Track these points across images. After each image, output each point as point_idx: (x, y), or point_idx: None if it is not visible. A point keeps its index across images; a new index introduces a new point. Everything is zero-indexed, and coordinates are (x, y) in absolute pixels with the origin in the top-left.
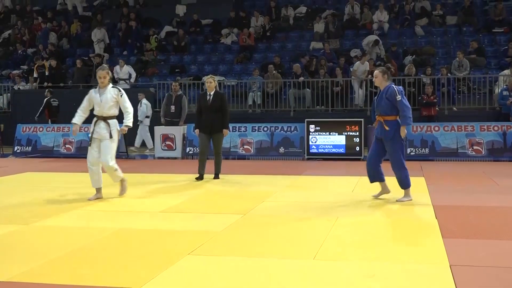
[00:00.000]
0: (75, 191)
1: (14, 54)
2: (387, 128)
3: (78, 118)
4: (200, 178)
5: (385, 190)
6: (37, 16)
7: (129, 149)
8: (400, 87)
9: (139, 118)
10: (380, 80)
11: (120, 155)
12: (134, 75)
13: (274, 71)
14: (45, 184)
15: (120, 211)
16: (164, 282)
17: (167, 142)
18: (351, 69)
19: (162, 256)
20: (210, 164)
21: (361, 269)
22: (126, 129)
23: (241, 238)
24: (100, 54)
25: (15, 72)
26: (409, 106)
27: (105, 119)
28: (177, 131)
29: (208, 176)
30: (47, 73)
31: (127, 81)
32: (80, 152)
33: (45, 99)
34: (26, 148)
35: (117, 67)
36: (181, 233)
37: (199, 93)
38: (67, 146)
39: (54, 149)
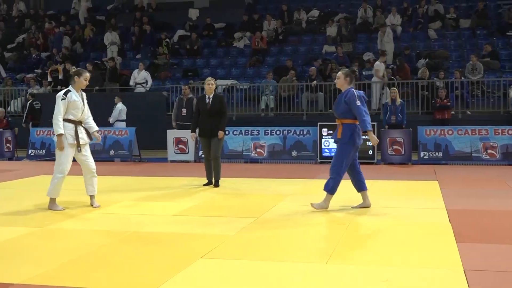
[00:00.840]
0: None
1: (28, 58)
2: (340, 132)
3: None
4: (209, 183)
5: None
6: (51, 20)
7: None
8: (361, 92)
9: (110, 121)
10: (341, 82)
11: (134, 158)
12: (150, 82)
13: (294, 78)
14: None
15: (132, 215)
16: (176, 286)
17: (180, 146)
18: (373, 69)
19: (175, 259)
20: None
21: (375, 274)
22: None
23: (253, 241)
24: (113, 57)
25: (29, 76)
26: (368, 112)
27: (81, 123)
28: (190, 135)
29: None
30: (60, 77)
31: (144, 86)
32: (94, 156)
33: (28, 103)
34: (40, 151)
35: (135, 72)
36: (193, 237)
37: None
38: None
39: None
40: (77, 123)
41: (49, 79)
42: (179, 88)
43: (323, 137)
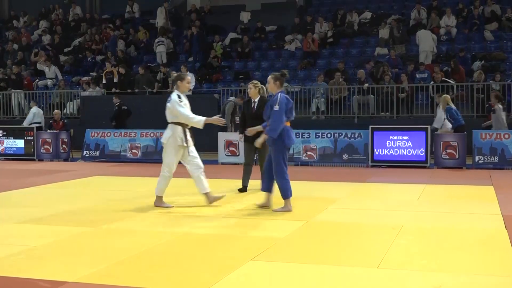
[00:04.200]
0: (141, 195)
1: (83, 61)
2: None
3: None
4: (243, 190)
5: (268, 203)
6: (106, 24)
7: None
8: (284, 96)
9: (24, 125)
10: (271, 86)
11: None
12: (194, 84)
13: (340, 79)
14: (113, 188)
15: (184, 216)
16: (227, 287)
17: (231, 148)
18: (417, 75)
19: (225, 261)
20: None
21: (427, 280)
22: None
23: (304, 244)
24: (164, 63)
25: (84, 78)
26: (283, 120)
27: (187, 126)
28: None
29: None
30: (115, 80)
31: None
32: (146, 157)
33: (116, 106)
34: (94, 152)
35: None
36: (243, 239)
37: None
38: (133, 151)
39: (121, 153)
40: (184, 125)
41: (104, 81)
42: (231, 90)
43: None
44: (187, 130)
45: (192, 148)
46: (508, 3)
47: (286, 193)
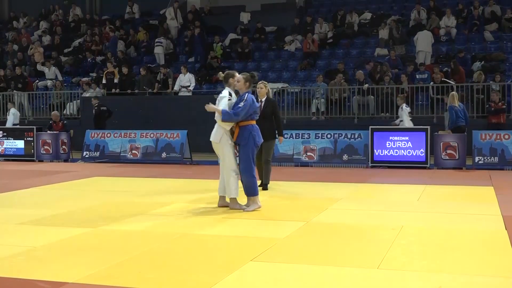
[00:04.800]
0: (141, 195)
1: (83, 62)
2: (237, 134)
3: None
4: (264, 188)
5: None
6: (106, 25)
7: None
8: (251, 97)
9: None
10: (241, 86)
11: (185, 161)
12: (193, 84)
13: (342, 80)
14: (113, 188)
15: (184, 216)
16: (227, 287)
17: None
18: (417, 76)
19: (225, 261)
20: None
21: (427, 280)
22: None
23: (304, 245)
24: (162, 64)
25: (84, 79)
26: (239, 114)
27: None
28: None
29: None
30: (116, 81)
31: (188, 89)
32: (146, 158)
33: (94, 107)
34: (94, 153)
35: (180, 75)
36: (243, 239)
37: None
38: (133, 151)
39: (121, 154)
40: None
41: (104, 81)
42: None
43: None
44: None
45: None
46: (508, 4)
47: (254, 191)
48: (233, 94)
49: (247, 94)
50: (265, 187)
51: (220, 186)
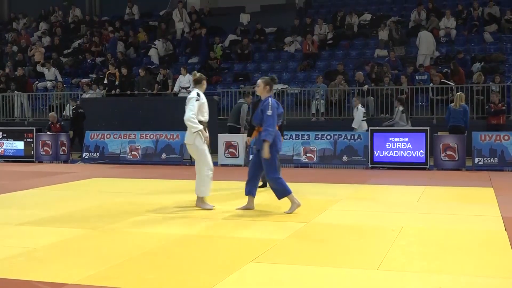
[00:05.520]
0: (141, 196)
1: (83, 63)
2: (253, 138)
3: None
4: (264, 185)
5: (250, 205)
6: (106, 26)
7: None
8: (274, 101)
9: None
10: (261, 90)
11: (185, 162)
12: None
13: (342, 81)
14: (112, 189)
15: (183, 217)
16: None
17: (230, 150)
18: (416, 77)
19: (225, 262)
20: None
21: (427, 281)
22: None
23: (303, 246)
24: (163, 67)
25: (84, 80)
26: (275, 124)
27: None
28: (240, 139)
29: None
30: (117, 83)
31: (187, 90)
32: (146, 159)
33: (72, 108)
34: (94, 154)
35: (180, 77)
36: (243, 240)
37: None
38: (133, 153)
39: (121, 155)
40: (204, 124)
41: (105, 81)
42: (230, 92)
43: (374, 142)
44: (206, 130)
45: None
46: (507, 5)
47: (285, 192)
48: (201, 95)
49: (269, 99)
50: (264, 185)
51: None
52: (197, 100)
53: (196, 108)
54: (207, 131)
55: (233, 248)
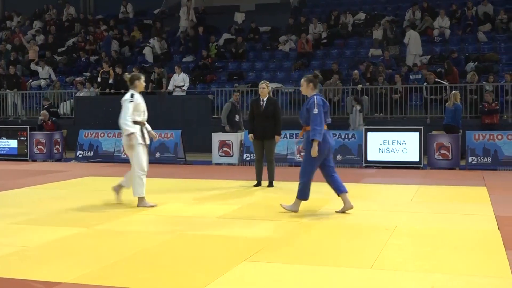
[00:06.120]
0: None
1: (77, 61)
2: (300, 136)
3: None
4: (258, 184)
5: (346, 204)
6: (100, 25)
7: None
8: (320, 98)
9: None
10: (305, 89)
11: (179, 161)
12: (187, 84)
13: (338, 81)
14: (106, 188)
15: (178, 217)
16: (221, 287)
17: (225, 149)
18: (410, 76)
19: (219, 262)
20: (265, 171)
21: (420, 280)
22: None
23: (297, 245)
24: (158, 66)
25: (78, 79)
26: (322, 122)
27: (145, 125)
28: (235, 138)
29: (264, 182)
30: (111, 81)
31: (182, 89)
32: None
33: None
34: (88, 153)
35: (174, 75)
36: (237, 239)
37: None
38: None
39: (115, 154)
40: (142, 124)
41: (99, 79)
42: (225, 91)
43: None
44: (144, 129)
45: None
46: (501, 4)
47: (304, 196)
48: (136, 95)
49: (315, 97)
50: (270, 185)
51: (125, 177)
52: (130, 101)
53: (131, 109)
54: (147, 128)
55: (226, 247)
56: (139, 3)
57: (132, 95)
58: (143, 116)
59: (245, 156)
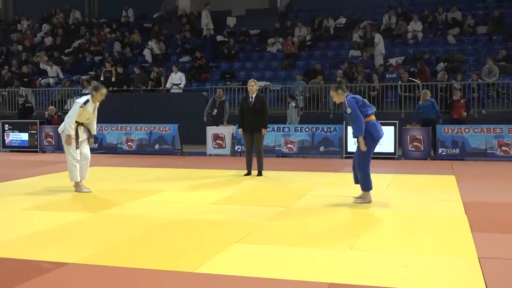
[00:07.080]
0: (136, 184)
1: (83, 61)
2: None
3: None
4: (248, 174)
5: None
6: (104, 28)
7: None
8: (350, 97)
9: None
10: (336, 97)
11: (176, 152)
12: (183, 82)
13: (321, 82)
14: (110, 177)
15: (175, 203)
16: (214, 267)
17: (218, 141)
18: (387, 75)
19: (213, 243)
20: (255, 162)
21: (395, 260)
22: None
23: (284, 228)
24: (157, 65)
25: (84, 77)
26: (361, 117)
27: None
28: (227, 131)
29: (254, 172)
30: (113, 79)
31: (178, 86)
32: (140, 149)
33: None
34: (93, 145)
35: (172, 74)
36: (229, 223)
37: None
38: (129, 143)
39: (118, 146)
40: (79, 124)
41: (102, 78)
42: (217, 89)
43: (349, 134)
44: (81, 127)
45: (85, 142)
46: (468, 10)
47: (368, 186)
48: (88, 104)
49: (345, 99)
50: (259, 173)
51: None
52: (80, 107)
53: (77, 114)
54: (84, 128)
55: (220, 230)
56: (140, 8)
57: (86, 102)
58: (85, 120)
59: (236, 148)
